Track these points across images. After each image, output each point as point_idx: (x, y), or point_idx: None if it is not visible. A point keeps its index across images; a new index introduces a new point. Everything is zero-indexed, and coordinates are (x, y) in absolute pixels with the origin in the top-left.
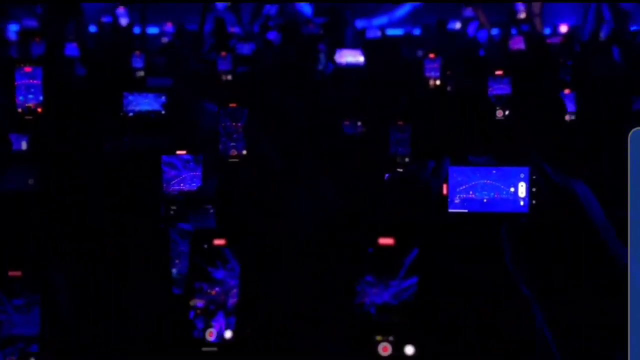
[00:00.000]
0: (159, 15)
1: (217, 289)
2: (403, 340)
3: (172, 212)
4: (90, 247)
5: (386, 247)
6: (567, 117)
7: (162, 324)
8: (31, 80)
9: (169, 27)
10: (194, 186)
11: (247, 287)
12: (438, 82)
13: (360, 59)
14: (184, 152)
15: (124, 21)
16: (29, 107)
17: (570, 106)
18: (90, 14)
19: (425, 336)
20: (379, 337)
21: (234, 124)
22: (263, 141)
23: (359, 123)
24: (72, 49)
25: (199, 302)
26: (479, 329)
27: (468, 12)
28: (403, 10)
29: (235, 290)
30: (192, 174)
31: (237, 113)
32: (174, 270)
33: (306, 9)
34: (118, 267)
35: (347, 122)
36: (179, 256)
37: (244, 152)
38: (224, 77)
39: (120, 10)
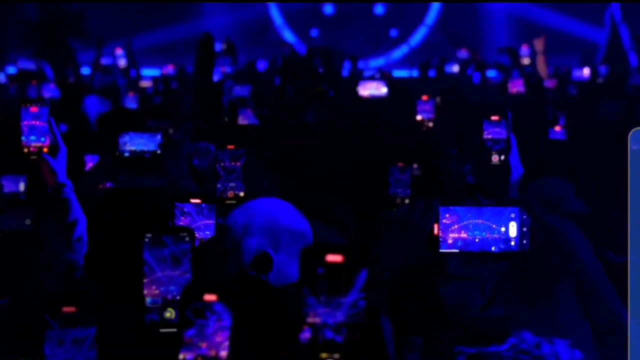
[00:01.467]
0: (161, 57)
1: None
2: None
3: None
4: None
5: (335, 265)
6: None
7: None
8: (36, 121)
9: (169, 68)
10: (207, 234)
11: (237, 342)
12: (431, 124)
13: (383, 90)
14: (198, 200)
15: (122, 62)
16: (36, 147)
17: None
18: (87, 57)
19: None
20: (324, 355)
21: (232, 163)
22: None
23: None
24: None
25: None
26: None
27: (463, 53)
28: (400, 52)
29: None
30: (205, 221)
31: (236, 153)
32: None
33: (302, 50)
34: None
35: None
36: None
37: (242, 193)
38: (226, 119)
39: (119, 51)
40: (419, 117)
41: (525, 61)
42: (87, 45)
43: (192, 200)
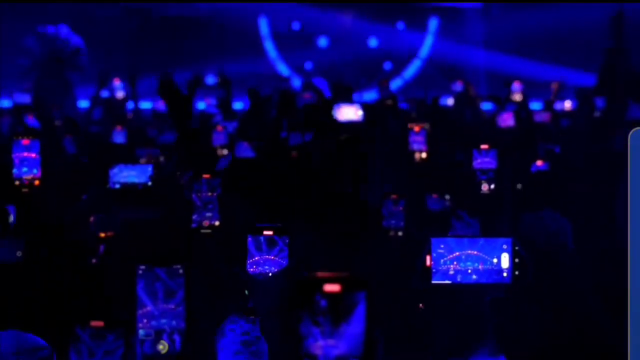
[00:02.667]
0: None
1: None
2: None
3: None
4: None
5: (333, 294)
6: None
7: None
8: (28, 153)
9: (161, 103)
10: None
11: None
12: (424, 155)
13: (359, 113)
14: (270, 232)
15: (120, 94)
16: (27, 179)
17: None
18: (85, 91)
19: None
20: None
21: (209, 194)
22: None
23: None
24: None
25: None
26: None
27: (457, 86)
28: (394, 84)
29: None
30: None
31: (212, 183)
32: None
33: (297, 83)
34: None
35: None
36: None
37: (217, 223)
38: (219, 152)
39: (117, 82)
40: (412, 148)
41: (517, 97)
42: (86, 79)
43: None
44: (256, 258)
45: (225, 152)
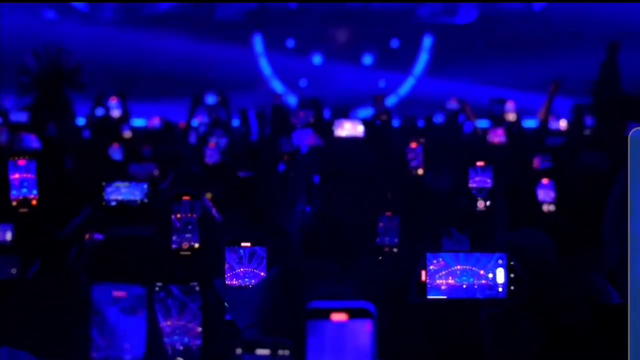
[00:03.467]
0: (146, 108)
1: None
2: None
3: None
4: None
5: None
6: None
7: None
8: (25, 174)
9: (155, 121)
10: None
11: None
12: (420, 172)
13: (359, 129)
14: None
15: (116, 113)
16: (24, 199)
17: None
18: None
19: None
20: None
21: (188, 215)
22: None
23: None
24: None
25: None
26: None
27: (452, 104)
28: (389, 101)
29: None
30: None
31: (193, 205)
32: None
33: (292, 100)
34: None
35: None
36: None
37: (197, 245)
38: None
39: (113, 101)
40: (410, 166)
41: (511, 117)
42: (85, 97)
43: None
44: (236, 270)
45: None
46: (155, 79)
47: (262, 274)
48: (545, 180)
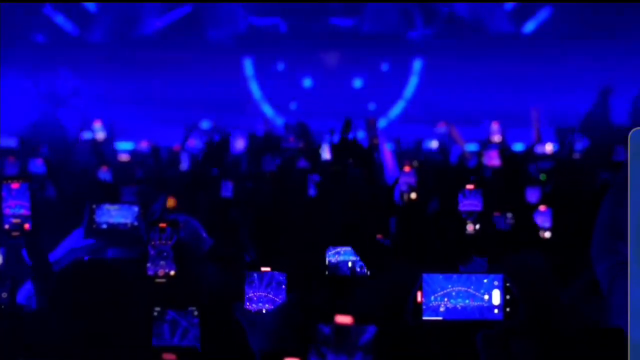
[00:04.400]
0: (135, 132)
1: None
2: None
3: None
4: None
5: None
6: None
7: None
8: (17, 198)
9: (143, 144)
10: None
11: None
12: (413, 196)
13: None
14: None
15: (100, 135)
16: (16, 223)
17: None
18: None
19: None
20: None
21: (163, 242)
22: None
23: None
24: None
25: None
26: None
27: (441, 128)
28: (379, 125)
29: None
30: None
31: (169, 232)
32: None
33: (278, 122)
34: None
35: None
36: None
37: (172, 272)
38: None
39: (97, 125)
40: (401, 188)
41: (496, 139)
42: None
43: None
44: (251, 294)
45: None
46: (145, 102)
47: (279, 299)
48: (542, 208)
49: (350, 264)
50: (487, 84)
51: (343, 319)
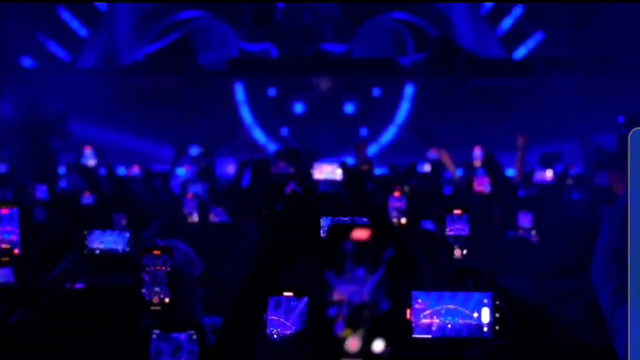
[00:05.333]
0: (126, 158)
1: None
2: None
3: None
4: None
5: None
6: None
7: None
8: (7, 224)
9: (135, 169)
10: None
11: None
12: (403, 221)
13: (338, 172)
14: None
15: (91, 162)
16: (6, 248)
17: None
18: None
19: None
20: (347, 332)
21: (158, 269)
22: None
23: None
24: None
25: None
26: None
27: (432, 154)
28: (370, 150)
29: None
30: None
31: (164, 259)
32: None
33: (271, 148)
34: None
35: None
36: None
37: (167, 299)
38: (189, 220)
39: (88, 150)
40: (391, 215)
41: (477, 164)
42: (69, 147)
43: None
44: (273, 318)
45: (195, 218)
46: (136, 127)
47: (294, 326)
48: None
49: None
50: (478, 109)
51: (360, 234)
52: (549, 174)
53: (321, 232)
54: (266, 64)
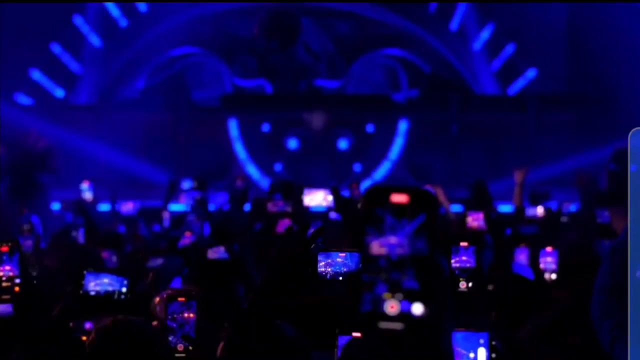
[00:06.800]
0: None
1: None
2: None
3: None
4: None
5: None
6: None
7: None
8: (7, 264)
9: (128, 205)
10: None
11: None
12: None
13: (329, 198)
14: None
15: (88, 195)
16: (6, 286)
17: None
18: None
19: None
20: (387, 295)
21: (185, 315)
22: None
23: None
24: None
25: None
26: None
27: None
28: (364, 186)
29: None
30: None
31: (189, 304)
32: None
33: (265, 184)
34: None
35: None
36: None
37: (191, 347)
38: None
39: (85, 184)
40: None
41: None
42: (59, 182)
43: None
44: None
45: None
46: (130, 163)
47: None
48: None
49: None
50: (472, 145)
51: (399, 197)
52: (540, 210)
53: (318, 267)
54: (260, 100)
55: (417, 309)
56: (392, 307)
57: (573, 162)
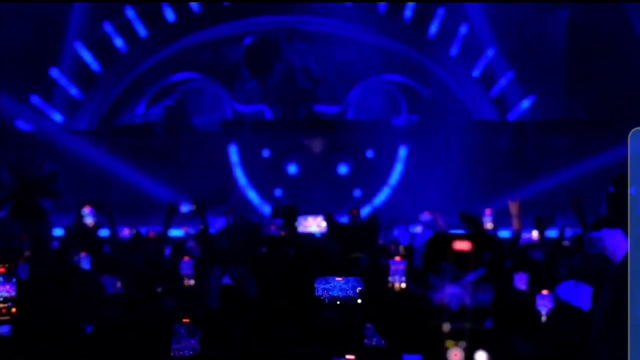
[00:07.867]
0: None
1: None
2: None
3: None
4: None
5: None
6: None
7: None
8: (5, 285)
9: (125, 231)
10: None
11: None
12: (403, 285)
13: (323, 224)
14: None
15: (89, 220)
16: (3, 307)
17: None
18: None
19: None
20: (450, 343)
21: (188, 340)
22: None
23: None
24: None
25: None
26: None
27: (425, 217)
28: (364, 212)
29: None
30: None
31: (192, 328)
32: None
33: (266, 210)
34: None
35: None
36: None
37: None
38: (185, 282)
39: (87, 210)
40: (391, 279)
41: (489, 226)
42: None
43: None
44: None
45: (191, 282)
46: (130, 188)
47: None
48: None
49: None
50: (471, 170)
51: (462, 245)
52: (535, 234)
53: (315, 292)
54: (260, 126)
55: (481, 357)
56: (455, 355)
57: (571, 186)
